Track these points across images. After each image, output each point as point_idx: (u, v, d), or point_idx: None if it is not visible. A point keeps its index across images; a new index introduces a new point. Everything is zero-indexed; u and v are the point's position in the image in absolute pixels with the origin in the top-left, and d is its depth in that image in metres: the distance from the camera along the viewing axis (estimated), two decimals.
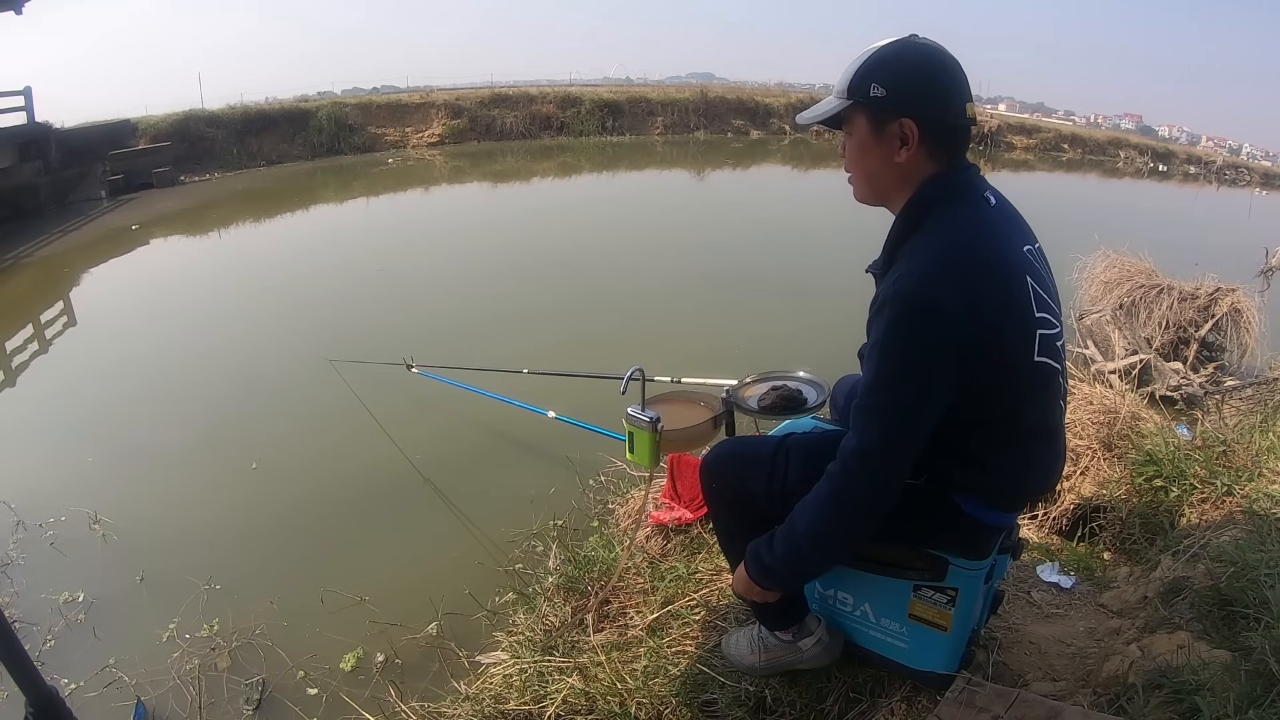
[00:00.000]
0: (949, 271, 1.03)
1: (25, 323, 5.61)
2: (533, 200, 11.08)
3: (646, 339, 4.94)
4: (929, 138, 1.09)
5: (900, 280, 1.05)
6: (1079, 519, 2.40)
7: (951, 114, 1.09)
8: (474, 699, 1.72)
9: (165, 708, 2.09)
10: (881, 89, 1.07)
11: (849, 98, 1.11)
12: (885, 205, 1.18)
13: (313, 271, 6.69)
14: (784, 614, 1.45)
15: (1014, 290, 1.07)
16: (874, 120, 1.10)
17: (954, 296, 1.01)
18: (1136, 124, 34.91)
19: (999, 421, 1.13)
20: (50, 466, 3.36)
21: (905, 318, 1.03)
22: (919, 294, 1.02)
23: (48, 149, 9.72)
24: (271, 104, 14.01)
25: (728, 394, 1.64)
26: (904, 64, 1.08)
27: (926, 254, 1.06)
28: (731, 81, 27.91)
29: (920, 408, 1.06)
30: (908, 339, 1.03)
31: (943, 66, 1.08)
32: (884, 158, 1.11)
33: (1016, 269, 1.09)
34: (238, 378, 4.35)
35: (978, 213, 1.11)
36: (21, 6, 9.44)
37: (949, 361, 1.03)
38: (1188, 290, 4.41)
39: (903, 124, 1.08)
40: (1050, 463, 1.24)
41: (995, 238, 1.10)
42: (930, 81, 1.07)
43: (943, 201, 1.10)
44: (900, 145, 1.09)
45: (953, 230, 1.08)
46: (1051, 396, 1.17)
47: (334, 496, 3.14)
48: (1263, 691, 1.14)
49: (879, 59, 1.08)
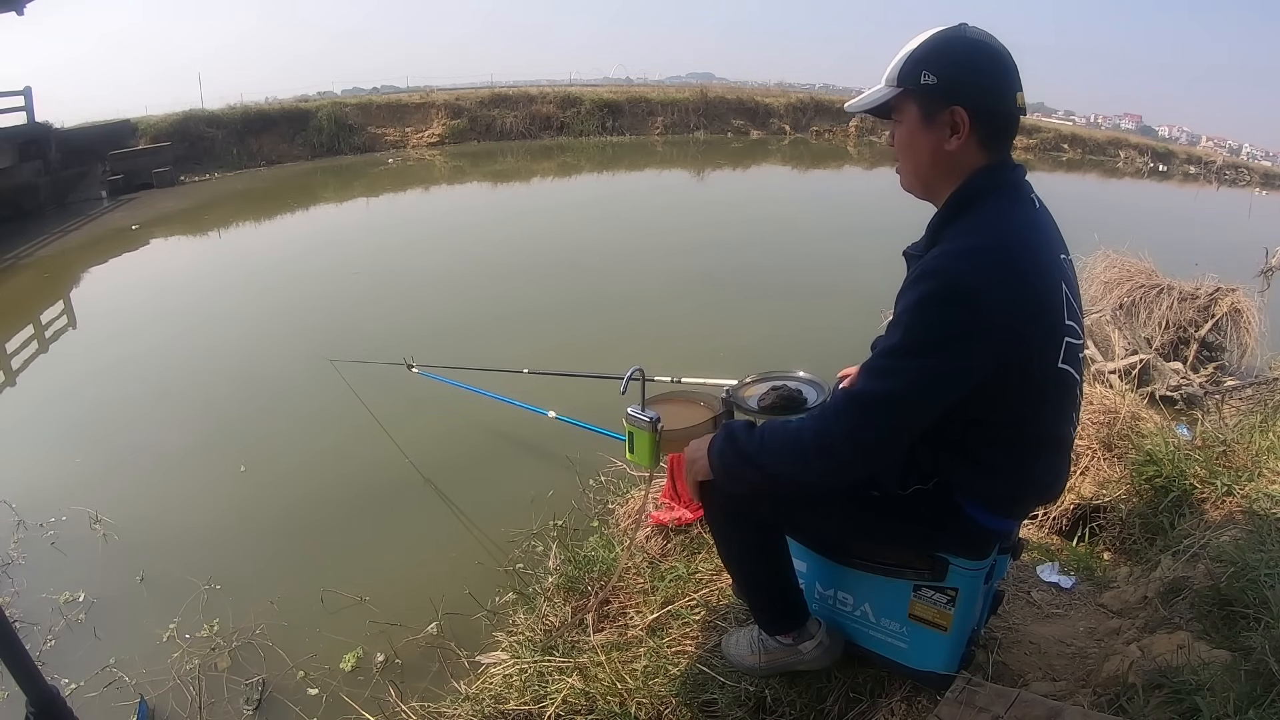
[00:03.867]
0: (991, 261, 1.02)
1: (25, 323, 5.60)
2: (533, 200, 11.08)
3: (646, 339, 4.94)
4: (980, 126, 1.07)
5: (941, 258, 1.04)
6: (1079, 519, 2.40)
7: (1003, 103, 1.08)
8: (474, 699, 1.72)
9: (165, 708, 2.09)
10: (933, 76, 1.06)
11: (899, 85, 1.09)
12: (931, 197, 1.16)
13: (313, 271, 6.69)
14: (784, 619, 1.46)
15: (1050, 293, 1.07)
16: (924, 108, 1.09)
17: (992, 286, 0.99)
18: (1136, 124, 34.93)
19: (1015, 425, 1.13)
20: (51, 466, 3.35)
21: (940, 295, 1.01)
22: (958, 275, 1.00)
23: (48, 149, 9.72)
24: (271, 104, 14.00)
25: (728, 394, 1.63)
26: (955, 52, 1.07)
27: (971, 239, 1.05)
28: (731, 81, 27.95)
29: (932, 384, 1.03)
30: (938, 316, 1.01)
31: (994, 55, 1.06)
32: (934, 146, 1.10)
33: (1054, 273, 1.09)
34: (238, 378, 4.36)
35: (1024, 211, 1.11)
36: (23, 7, 9.44)
37: (972, 349, 1.01)
38: (1188, 290, 4.41)
39: (954, 112, 1.06)
40: (1057, 472, 1.23)
41: (1038, 239, 1.09)
42: (982, 70, 1.06)
43: (992, 193, 1.09)
44: (951, 134, 1.08)
45: (999, 223, 1.07)
46: (1068, 406, 1.17)
47: (334, 496, 3.14)
48: (1263, 691, 1.14)
49: (930, 47, 1.07)
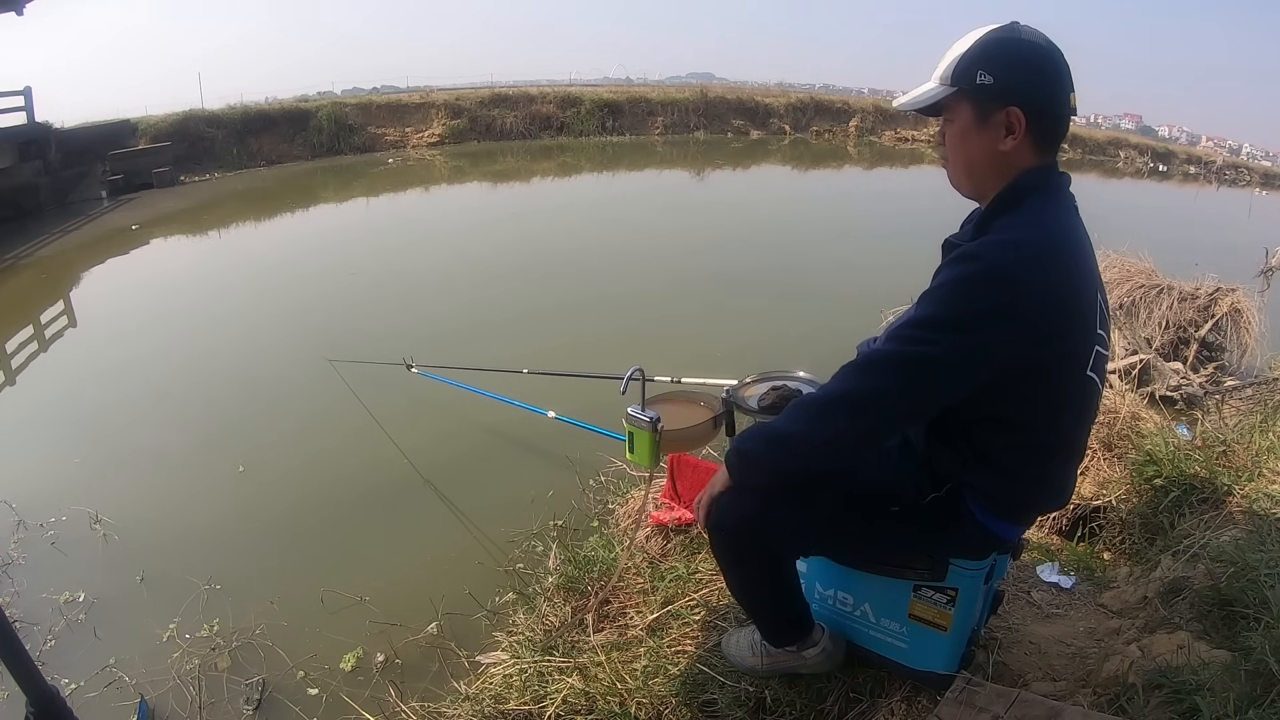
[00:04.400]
0: (1035, 256, 1.01)
1: (25, 323, 5.60)
2: (533, 200, 11.08)
3: (646, 339, 4.94)
4: (1035, 128, 1.07)
5: (985, 245, 1.03)
6: (1079, 519, 2.40)
7: (1058, 104, 1.07)
8: (474, 699, 1.72)
9: (165, 708, 2.09)
10: (989, 76, 1.05)
11: (953, 85, 1.09)
12: (979, 196, 1.16)
13: (313, 272, 6.69)
14: (790, 632, 1.45)
15: (1086, 300, 1.07)
16: (979, 108, 1.08)
17: (1032, 280, 0.99)
18: (1136, 124, 34.91)
19: (1037, 428, 1.12)
20: (51, 466, 3.35)
21: (980, 276, 1.00)
22: (1000, 262, 1.00)
23: (48, 149, 9.72)
24: (271, 104, 14.00)
25: (728, 394, 1.63)
26: (1012, 52, 1.06)
27: (1017, 233, 1.04)
28: (731, 81, 27.97)
29: (954, 363, 1.02)
30: (974, 294, 1.00)
31: (1050, 56, 1.05)
32: (988, 146, 1.09)
33: (1091, 280, 1.09)
34: (238, 378, 4.35)
35: (1069, 216, 1.11)
36: (23, 7, 9.44)
37: (1002, 333, 1.00)
38: (1188, 290, 4.41)
39: (1009, 113, 1.06)
40: (1068, 481, 1.24)
41: (1081, 245, 1.10)
42: (1038, 70, 1.05)
43: (1042, 192, 1.09)
44: (1006, 134, 1.07)
45: (1045, 223, 1.07)
46: (1088, 415, 1.18)
47: (334, 497, 3.14)
48: (1263, 691, 1.14)
49: (985, 46, 1.06)
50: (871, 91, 27.49)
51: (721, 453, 2.48)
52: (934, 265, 1.16)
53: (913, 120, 18.46)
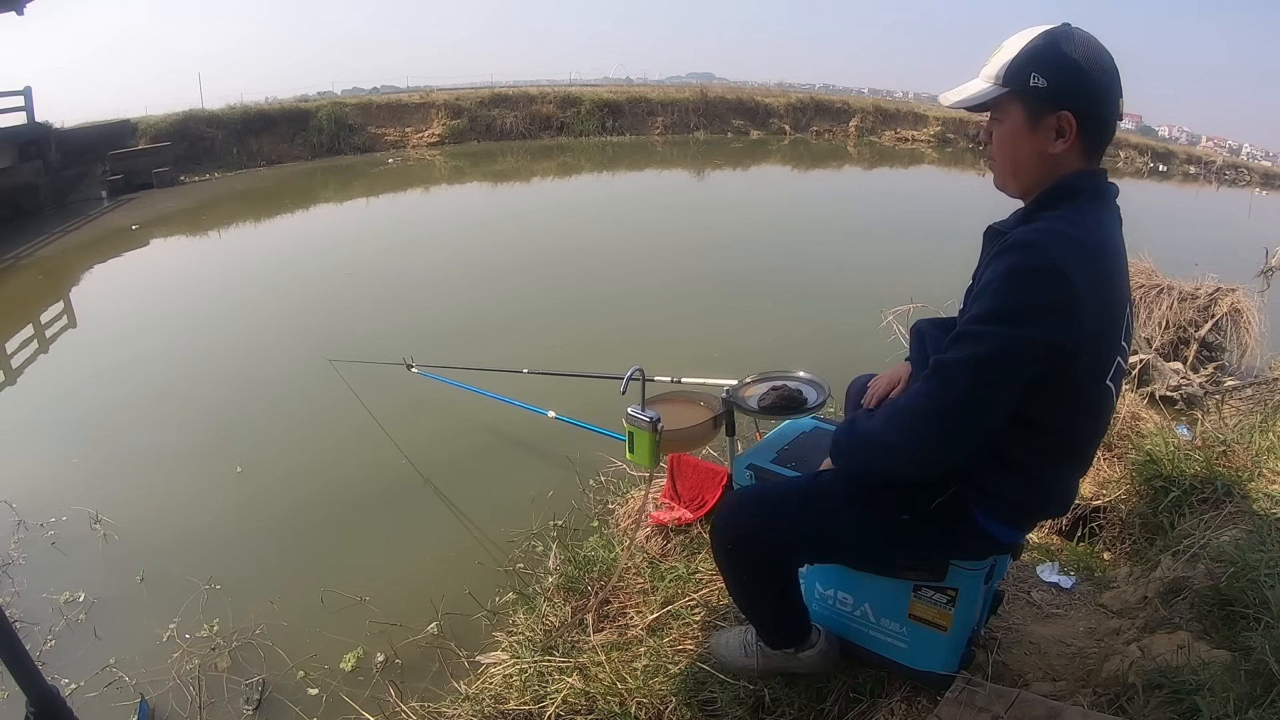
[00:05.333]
0: (1083, 253, 1.01)
1: (25, 323, 5.61)
2: (533, 200, 11.08)
3: (646, 339, 4.93)
4: (1086, 132, 1.06)
5: (1035, 233, 1.03)
6: (1079, 519, 2.40)
7: (1109, 109, 1.07)
8: (474, 699, 1.72)
9: (165, 708, 2.09)
10: (1043, 80, 1.04)
11: (1004, 85, 1.07)
12: (1024, 196, 1.15)
13: (313, 272, 6.69)
14: (788, 636, 1.46)
15: (1119, 307, 1.08)
16: (1031, 110, 1.07)
17: (1081, 273, 0.99)
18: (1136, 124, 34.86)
19: (1053, 430, 1.12)
20: (51, 466, 3.35)
21: (1034, 266, 0.99)
22: (1051, 252, 0.99)
23: (48, 149, 9.72)
24: (271, 104, 14.00)
25: (728, 394, 1.64)
26: (1066, 56, 1.04)
27: (1065, 226, 1.04)
28: (731, 81, 27.95)
29: (1021, 348, 1.00)
30: (1027, 286, 1.00)
31: (1101, 60, 1.05)
32: (1037, 148, 1.08)
33: (1125, 290, 1.10)
34: (238, 378, 4.35)
35: (1113, 224, 1.11)
36: (23, 7, 9.43)
37: (1061, 324, 1.00)
38: (1188, 290, 4.40)
39: (1061, 116, 1.05)
40: (1072, 488, 1.24)
41: (1120, 255, 1.10)
42: (1091, 75, 1.04)
43: (1088, 194, 1.09)
44: (1056, 137, 1.06)
45: (1092, 224, 1.06)
46: (1102, 423, 1.18)
47: (334, 497, 3.14)
48: (1263, 691, 1.15)
49: (1039, 48, 1.05)
50: (871, 91, 27.48)
51: (721, 453, 2.49)
52: (933, 265, 1.17)
53: (912, 120, 18.49)
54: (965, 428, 1.05)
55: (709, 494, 2.25)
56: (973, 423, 1.05)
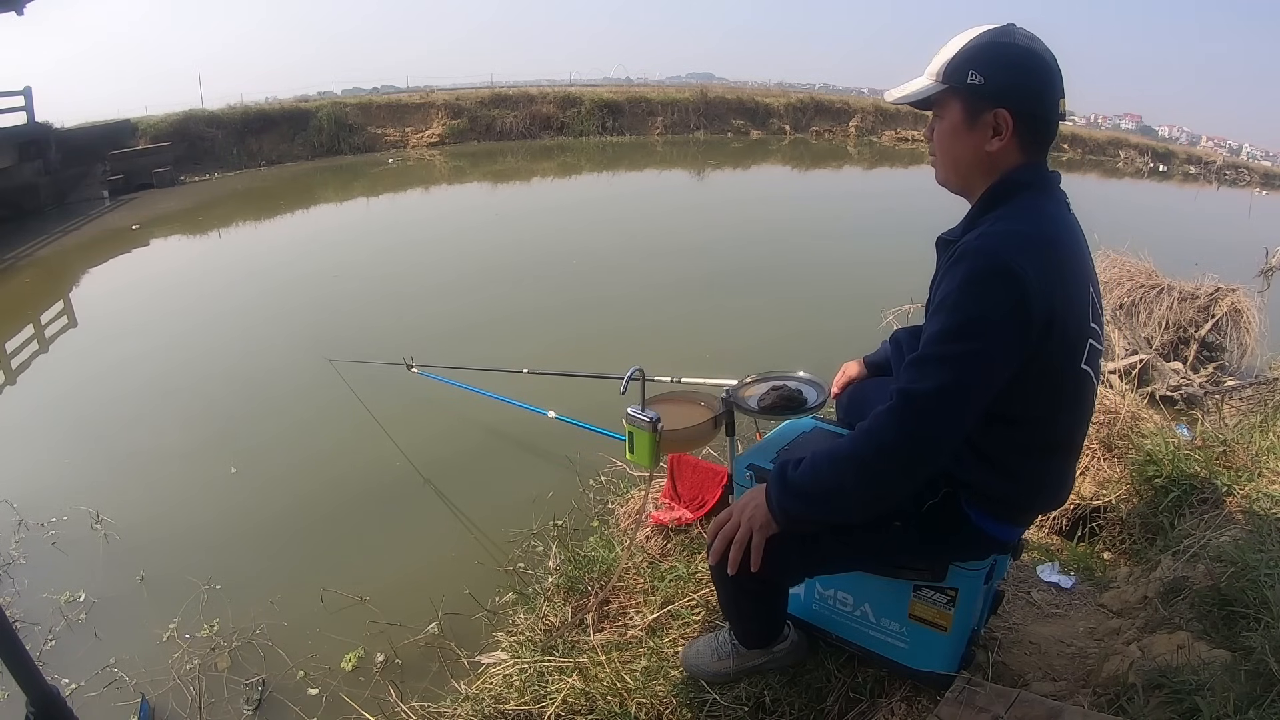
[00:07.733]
0: (1029, 245, 1.02)
1: (25, 323, 5.60)
2: (533, 200, 11.08)
3: (646, 339, 4.93)
4: (1022, 130, 1.07)
5: (981, 239, 1.03)
6: (1079, 519, 2.40)
7: (1046, 108, 1.08)
8: (474, 699, 1.72)
9: (165, 707, 2.09)
10: (980, 77, 1.06)
11: (944, 82, 1.09)
12: (966, 193, 1.16)
13: (313, 272, 6.69)
14: (766, 639, 1.50)
15: (1080, 290, 1.08)
16: (969, 107, 1.09)
17: (1032, 269, 0.99)
18: (1136, 124, 34.94)
19: (1035, 425, 1.12)
20: (51, 466, 3.35)
21: (984, 273, 1.00)
22: (1001, 255, 1.00)
23: (48, 149, 9.72)
24: (271, 104, 14.00)
25: (728, 394, 1.63)
26: (1004, 54, 1.06)
27: (1009, 225, 1.05)
28: (731, 81, 27.97)
29: (983, 366, 1.01)
30: (982, 294, 1.00)
31: (1041, 60, 1.06)
32: (974, 145, 1.10)
33: (1084, 272, 1.10)
34: (238, 378, 4.36)
35: (1059, 211, 1.12)
36: (23, 7, 9.45)
37: (1017, 328, 1.00)
38: (1188, 290, 4.41)
39: (998, 114, 1.07)
40: (1065, 480, 1.23)
41: (1074, 237, 1.11)
42: (1029, 74, 1.06)
43: (1032, 189, 1.10)
44: (993, 134, 1.08)
45: (1037, 216, 1.07)
46: (1084, 411, 1.18)
47: (334, 496, 3.14)
48: (1263, 691, 1.14)
49: (979, 46, 1.07)
50: (871, 91, 27.44)
51: (721, 453, 2.49)
52: (933, 266, 1.16)
53: (913, 120, 18.47)
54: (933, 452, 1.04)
55: (709, 494, 2.25)
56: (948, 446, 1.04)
